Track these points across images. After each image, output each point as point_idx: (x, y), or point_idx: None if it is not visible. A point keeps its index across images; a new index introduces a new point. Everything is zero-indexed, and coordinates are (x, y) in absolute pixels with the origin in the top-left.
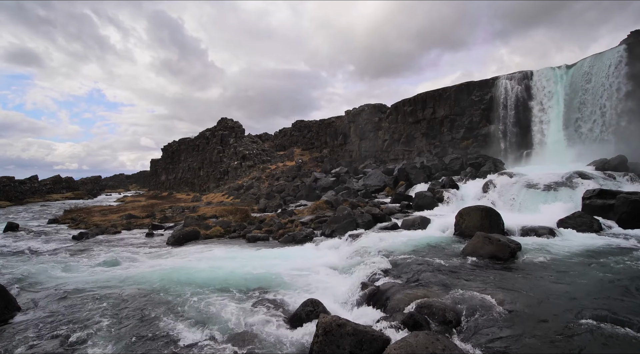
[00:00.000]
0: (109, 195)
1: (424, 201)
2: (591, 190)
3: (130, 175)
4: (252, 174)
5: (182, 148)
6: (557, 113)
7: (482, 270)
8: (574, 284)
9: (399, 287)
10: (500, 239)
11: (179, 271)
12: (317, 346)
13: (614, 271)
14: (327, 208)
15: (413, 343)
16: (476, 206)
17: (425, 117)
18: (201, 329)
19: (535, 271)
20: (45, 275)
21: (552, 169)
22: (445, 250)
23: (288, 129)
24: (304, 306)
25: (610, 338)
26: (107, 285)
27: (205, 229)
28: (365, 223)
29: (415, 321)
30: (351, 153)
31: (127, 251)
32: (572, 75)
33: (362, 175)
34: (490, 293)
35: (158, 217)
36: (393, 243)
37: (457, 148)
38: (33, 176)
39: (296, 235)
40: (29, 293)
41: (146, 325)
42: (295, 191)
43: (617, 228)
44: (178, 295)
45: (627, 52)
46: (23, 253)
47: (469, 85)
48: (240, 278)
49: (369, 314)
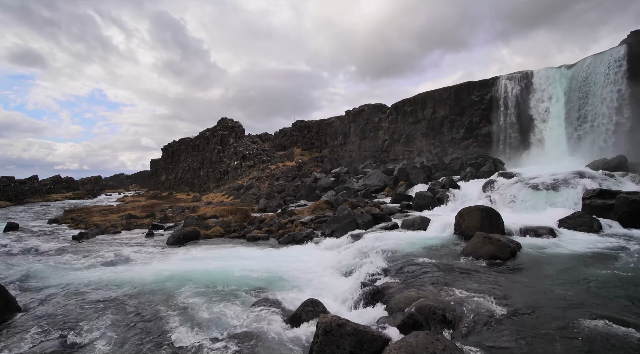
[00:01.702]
0: (109, 195)
1: (424, 201)
2: (591, 190)
3: (130, 175)
4: (252, 174)
5: (182, 148)
6: (557, 113)
7: (482, 270)
8: (574, 284)
9: (398, 287)
10: (500, 239)
11: (179, 272)
12: (317, 346)
13: (614, 271)
14: (327, 208)
15: (413, 343)
16: (476, 206)
17: (425, 117)
18: (201, 329)
19: (536, 271)
20: (45, 275)
21: (552, 169)
22: (445, 250)
23: (288, 129)
24: (304, 306)
25: (610, 338)
26: (107, 284)
27: (205, 229)
28: (365, 223)
29: (415, 321)
30: (351, 153)
31: (127, 251)
32: (572, 75)
33: (362, 175)
34: (490, 293)
35: (158, 217)
36: (393, 243)
37: (457, 148)
38: (33, 176)
39: (296, 235)
40: (29, 293)
41: (146, 325)
42: (295, 191)
43: (617, 228)
44: (178, 295)
45: (627, 52)
46: (23, 253)
47: (469, 85)
48: (240, 278)
49: (369, 314)
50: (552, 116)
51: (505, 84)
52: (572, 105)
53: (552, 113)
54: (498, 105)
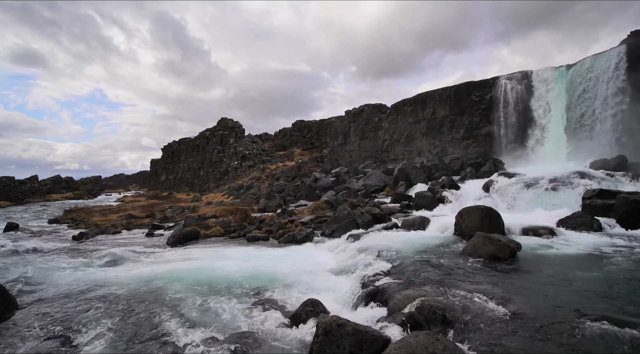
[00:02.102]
0: (109, 195)
1: (424, 201)
2: (591, 190)
3: (130, 175)
4: (252, 174)
5: (182, 148)
6: (557, 113)
7: (482, 270)
8: (574, 284)
9: (398, 287)
10: (500, 239)
11: (179, 271)
12: (317, 346)
13: (614, 271)
14: (327, 208)
15: (413, 343)
16: (476, 207)
17: (425, 117)
18: (201, 329)
19: (535, 271)
20: (45, 274)
21: (552, 169)
22: (445, 250)
23: (288, 129)
24: (304, 306)
25: (610, 338)
26: (106, 284)
27: (205, 229)
28: (365, 223)
29: (415, 321)
30: (351, 153)
31: (127, 251)
32: (572, 75)
33: (362, 175)
34: (490, 293)
35: (158, 217)
36: (393, 244)
37: (457, 148)
38: (33, 176)
39: (296, 235)
40: (28, 292)
41: (146, 325)
42: (295, 191)
43: (617, 228)
44: (178, 295)
45: (627, 51)
46: (23, 253)
47: (469, 85)
48: (240, 278)
49: (369, 314)
50: (552, 116)
51: (505, 84)
52: (572, 105)
53: (552, 113)
54: (498, 105)
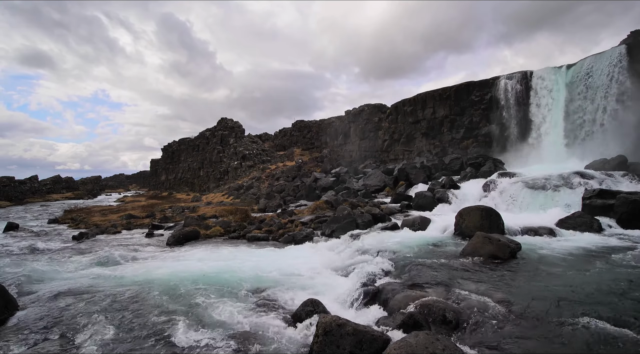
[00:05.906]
0: (109, 195)
1: (424, 201)
2: (591, 190)
3: (130, 175)
4: (252, 174)
5: (182, 148)
6: (557, 113)
7: (482, 270)
8: (573, 284)
9: (399, 287)
10: (500, 239)
11: (179, 271)
12: (317, 346)
13: (614, 272)
14: (327, 208)
15: (413, 343)
16: (476, 207)
17: (425, 117)
18: (201, 329)
19: (535, 271)
20: (45, 274)
21: (552, 169)
22: (445, 250)
23: (288, 129)
24: (304, 306)
25: (610, 338)
26: (106, 284)
27: (205, 229)
28: (365, 223)
29: (415, 321)
30: (351, 153)
31: (127, 251)
32: (572, 74)
33: (362, 175)
34: (490, 293)
35: (158, 217)
36: (393, 243)
37: (457, 148)
38: (33, 176)
39: (296, 235)
40: (28, 292)
41: (146, 325)
42: (295, 191)
43: (617, 228)
44: (178, 295)
45: (627, 51)
46: (23, 253)
47: (469, 85)
48: (240, 277)
49: (369, 314)
50: (552, 116)
51: (505, 84)
52: (572, 104)
53: (552, 113)
54: (498, 105)
